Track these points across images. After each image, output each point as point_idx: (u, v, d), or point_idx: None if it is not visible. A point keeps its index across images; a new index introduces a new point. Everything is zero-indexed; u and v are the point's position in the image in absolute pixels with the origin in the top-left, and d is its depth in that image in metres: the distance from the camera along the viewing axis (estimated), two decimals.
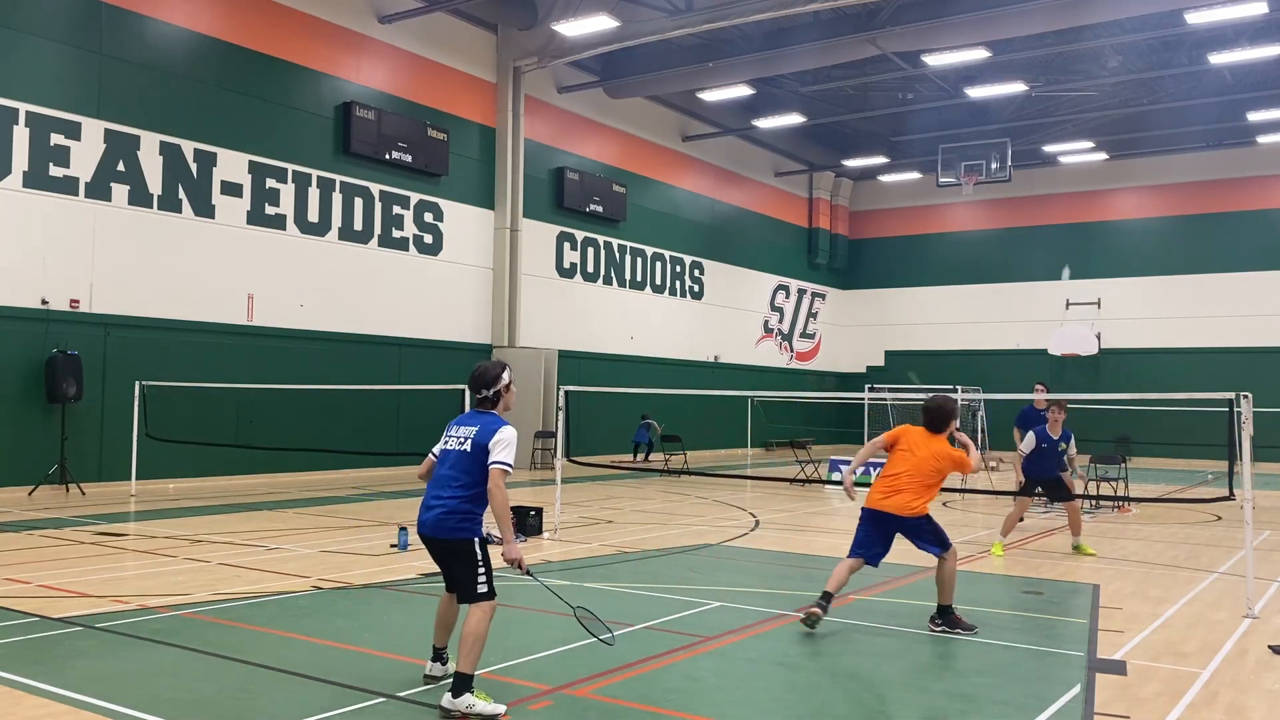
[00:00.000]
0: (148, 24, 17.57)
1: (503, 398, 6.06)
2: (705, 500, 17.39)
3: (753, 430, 30.62)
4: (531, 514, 12.16)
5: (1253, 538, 8.54)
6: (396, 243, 21.73)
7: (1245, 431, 8.49)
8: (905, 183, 37.05)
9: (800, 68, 25.46)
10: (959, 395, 30.00)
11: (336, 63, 20.64)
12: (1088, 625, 7.86)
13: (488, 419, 5.90)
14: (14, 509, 13.98)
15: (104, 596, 8.18)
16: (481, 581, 5.63)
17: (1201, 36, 24.14)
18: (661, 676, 6.21)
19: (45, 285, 16.17)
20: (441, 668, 6.00)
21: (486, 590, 5.62)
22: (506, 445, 5.72)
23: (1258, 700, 5.97)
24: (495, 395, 6.02)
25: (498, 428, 5.77)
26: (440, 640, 6.03)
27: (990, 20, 21.30)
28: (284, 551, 10.75)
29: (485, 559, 5.67)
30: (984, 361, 34.99)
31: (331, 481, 19.06)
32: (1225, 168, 32.13)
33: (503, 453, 5.69)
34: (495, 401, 6.03)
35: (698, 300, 31.33)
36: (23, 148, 15.85)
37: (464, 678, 5.42)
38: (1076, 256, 34.36)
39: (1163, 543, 12.89)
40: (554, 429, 17.94)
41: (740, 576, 9.99)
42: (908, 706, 5.80)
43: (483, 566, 5.65)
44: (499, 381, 6.03)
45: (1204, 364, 31.12)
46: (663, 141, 29.86)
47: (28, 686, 5.70)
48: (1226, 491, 9.34)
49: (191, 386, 17.06)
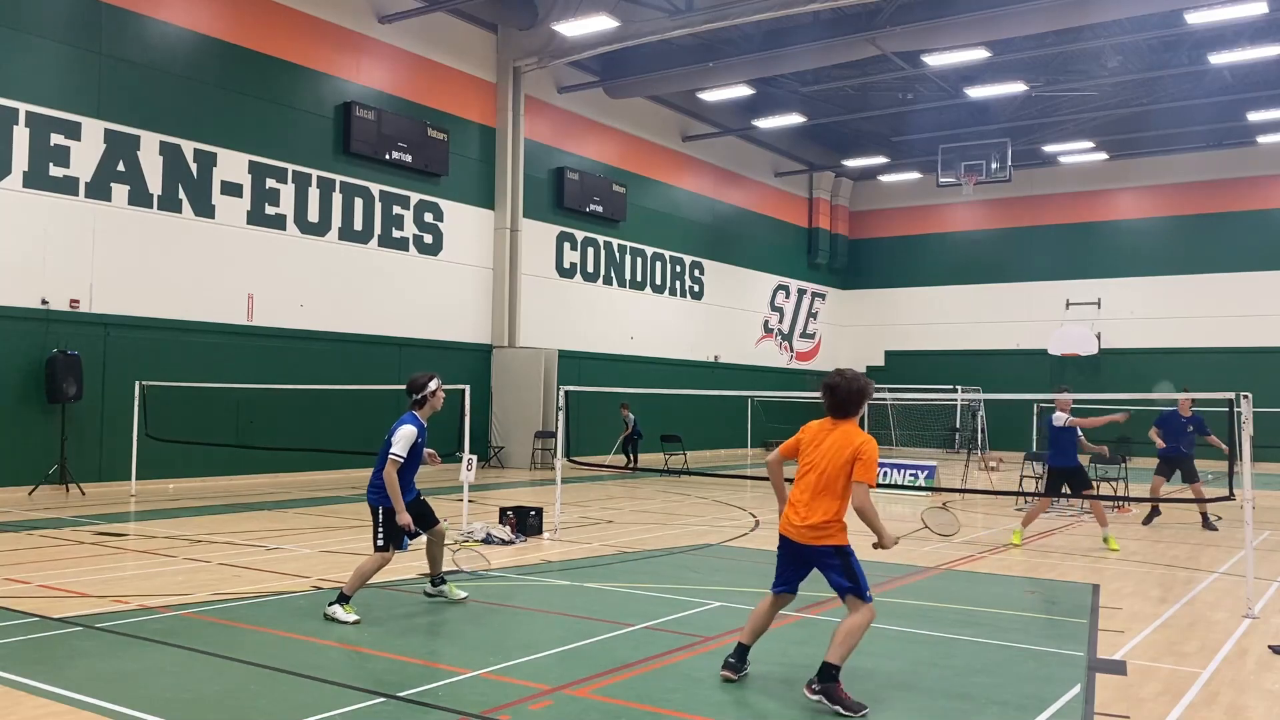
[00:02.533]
0: (148, 24, 17.57)
1: (428, 402, 7.96)
2: (705, 500, 17.39)
3: (752, 430, 30.63)
4: (531, 514, 12.15)
5: (1253, 538, 8.54)
6: (396, 243, 21.73)
7: (1245, 431, 8.49)
8: (905, 183, 37.05)
9: (800, 68, 25.45)
10: (959, 395, 30.10)
11: (336, 63, 20.64)
12: (1088, 625, 7.86)
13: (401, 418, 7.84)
14: (14, 509, 13.98)
15: (104, 596, 8.18)
16: (379, 537, 7.64)
17: (1201, 36, 24.13)
18: (661, 676, 6.21)
19: (45, 285, 16.17)
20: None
21: (382, 545, 7.63)
22: (401, 440, 7.64)
23: (1258, 700, 5.97)
24: (421, 399, 7.95)
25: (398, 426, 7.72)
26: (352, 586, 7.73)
27: (990, 20, 21.29)
28: (284, 551, 10.75)
29: (386, 523, 7.59)
30: (984, 361, 34.99)
31: (331, 481, 19.06)
32: (1225, 168, 32.12)
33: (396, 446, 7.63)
34: (421, 404, 7.95)
35: (697, 300, 31.32)
36: (23, 148, 15.85)
37: (342, 595, 7.47)
38: (1076, 256, 34.36)
39: (1163, 543, 12.90)
40: (554, 429, 17.94)
41: (740, 576, 9.99)
42: (907, 706, 5.80)
43: (381, 528, 7.62)
44: (425, 389, 7.95)
45: (1204, 364, 31.11)
46: (663, 141, 29.86)
47: (28, 686, 5.70)
48: (1226, 491, 9.34)
49: (191, 386, 17.06)
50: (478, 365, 23.59)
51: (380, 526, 7.64)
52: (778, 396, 27.13)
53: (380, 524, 7.64)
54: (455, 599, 8.15)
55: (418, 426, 7.81)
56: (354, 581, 7.56)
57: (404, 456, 7.61)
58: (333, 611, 7.41)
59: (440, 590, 8.20)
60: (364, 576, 7.59)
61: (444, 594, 8.19)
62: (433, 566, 8.26)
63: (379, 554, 7.63)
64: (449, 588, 8.21)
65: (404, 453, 7.61)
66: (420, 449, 7.84)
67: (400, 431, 7.67)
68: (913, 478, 19.43)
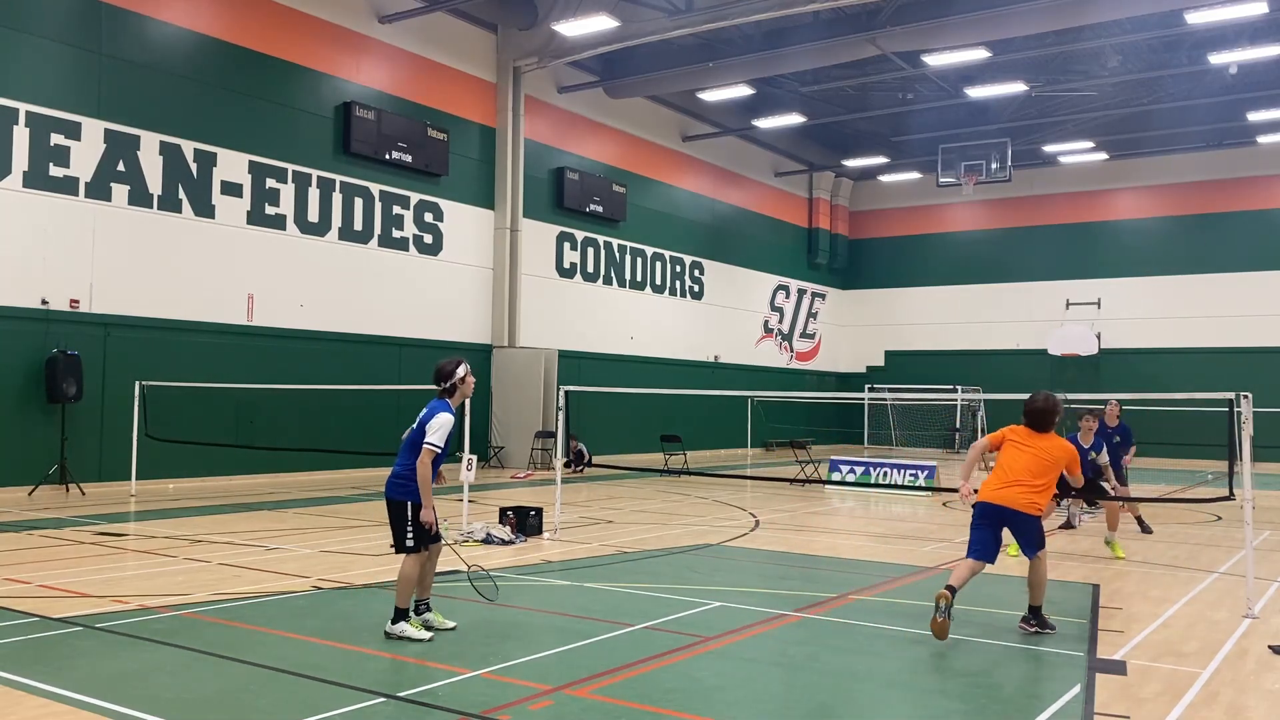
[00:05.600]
0: (148, 24, 17.57)
1: (458, 389, 7.30)
2: (705, 500, 17.39)
3: (753, 430, 30.63)
4: (531, 514, 12.15)
5: (1253, 538, 8.54)
6: (396, 243, 21.74)
7: (1245, 431, 8.49)
8: (905, 183, 37.05)
9: (800, 68, 25.46)
10: (959, 395, 30.08)
11: (336, 63, 20.64)
12: (1088, 625, 7.86)
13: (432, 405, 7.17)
14: (14, 509, 13.98)
15: (104, 596, 8.18)
16: (409, 537, 6.96)
17: (1201, 36, 24.14)
18: (661, 676, 6.21)
19: (45, 285, 16.17)
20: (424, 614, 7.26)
21: (413, 545, 6.97)
22: (437, 429, 6.95)
23: (1258, 700, 5.97)
24: (451, 387, 7.28)
25: (435, 412, 7.04)
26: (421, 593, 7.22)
27: (990, 20, 21.29)
28: (284, 551, 10.75)
29: (415, 520, 6.92)
30: (984, 361, 35.00)
31: (331, 481, 19.06)
32: (1225, 168, 32.13)
33: (433, 435, 6.94)
34: (451, 392, 7.28)
35: (698, 300, 31.32)
36: (23, 148, 15.85)
37: (399, 611, 6.93)
38: (1076, 256, 34.37)
39: (1163, 543, 12.90)
40: (554, 429, 17.93)
41: (740, 576, 9.98)
42: (908, 706, 5.80)
43: (410, 526, 6.95)
44: (453, 376, 7.29)
45: (1204, 364, 31.12)
46: (662, 141, 29.86)
47: (28, 686, 5.70)
48: (1226, 491, 9.34)
49: (191, 386, 17.06)
50: (478, 365, 23.56)
51: (410, 524, 6.93)
52: (778, 396, 27.20)
53: (410, 521, 6.93)
54: (444, 628, 7.16)
55: (452, 415, 7.12)
56: (403, 592, 6.93)
57: (441, 446, 6.91)
58: (399, 630, 6.86)
59: (426, 620, 7.11)
60: (410, 582, 6.94)
61: (432, 625, 7.12)
62: (421, 589, 7.15)
63: (412, 556, 6.95)
64: (435, 616, 7.19)
65: (441, 442, 6.90)
66: (450, 440, 7.16)
67: (437, 419, 6.93)
68: (913, 478, 19.43)
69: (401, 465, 7.04)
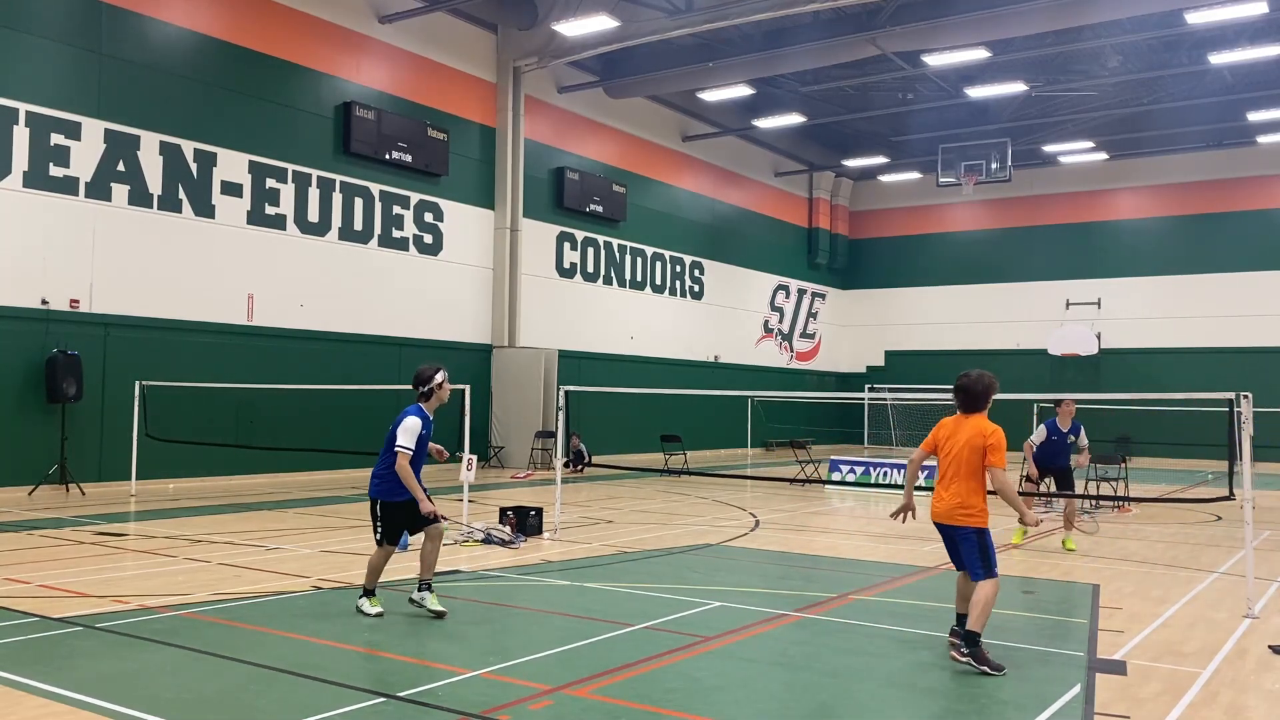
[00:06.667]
0: (148, 24, 17.57)
1: (435, 394, 7.79)
2: (705, 500, 17.39)
3: (753, 430, 30.63)
4: (531, 514, 12.15)
5: (1253, 538, 8.54)
6: (396, 243, 21.73)
7: (1245, 431, 8.49)
8: (905, 183, 37.05)
9: (800, 68, 25.45)
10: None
11: (336, 63, 20.64)
12: (1088, 625, 7.86)
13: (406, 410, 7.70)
14: (14, 509, 13.97)
15: (104, 596, 8.17)
16: (377, 532, 7.66)
17: (1201, 36, 24.14)
18: (661, 676, 6.21)
19: (45, 285, 16.17)
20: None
21: (379, 539, 7.66)
22: (406, 431, 7.51)
23: (1258, 700, 5.97)
24: (428, 391, 7.77)
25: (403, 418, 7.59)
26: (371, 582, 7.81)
27: (990, 20, 21.30)
28: (284, 551, 10.75)
29: (384, 518, 7.62)
30: (984, 361, 34.32)
31: (331, 481, 19.06)
32: (1225, 168, 32.13)
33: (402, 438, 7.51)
34: (427, 397, 7.79)
35: (698, 300, 31.32)
36: (23, 148, 15.85)
37: (365, 590, 7.66)
38: (1076, 256, 34.37)
39: (1163, 543, 12.89)
40: (554, 429, 17.93)
41: (740, 576, 9.98)
42: (908, 706, 5.80)
43: (379, 523, 7.66)
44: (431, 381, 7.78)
45: (1204, 364, 31.11)
46: (662, 141, 29.86)
47: (28, 686, 5.70)
48: (1226, 491, 9.34)
49: (191, 386, 17.05)
50: (478, 365, 23.60)
51: (379, 521, 7.66)
52: (778, 396, 27.18)
53: (379, 518, 7.66)
54: (433, 610, 7.53)
55: (422, 418, 7.63)
56: (369, 575, 7.72)
57: (411, 448, 7.45)
58: (360, 604, 7.63)
59: (422, 598, 7.60)
60: (374, 570, 7.70)
61: (423, 603, 7.58)
62: (424, 569, 7.65)
63: (380, 549, 7.69)
64: (430, 597, 7.59)
65: (411, 444, 7.45)
66: (426, 441, 7.64)
67: (405, 423, 7.53)
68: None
69: (379, 465, 7.67)
